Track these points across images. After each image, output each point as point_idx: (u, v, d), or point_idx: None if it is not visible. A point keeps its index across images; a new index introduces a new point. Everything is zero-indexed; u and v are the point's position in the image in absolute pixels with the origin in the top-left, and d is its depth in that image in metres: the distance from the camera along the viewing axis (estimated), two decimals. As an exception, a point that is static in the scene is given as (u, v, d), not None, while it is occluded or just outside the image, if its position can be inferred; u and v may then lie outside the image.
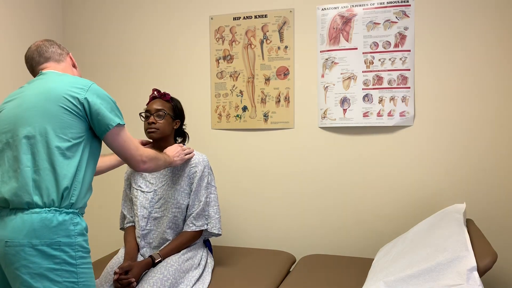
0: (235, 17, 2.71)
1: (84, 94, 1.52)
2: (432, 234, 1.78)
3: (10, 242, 1.40)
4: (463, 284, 1.41)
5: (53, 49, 1.69)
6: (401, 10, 2.43)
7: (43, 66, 1.67)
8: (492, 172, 2.35)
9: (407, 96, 2.44)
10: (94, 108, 1.52)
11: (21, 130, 1.48)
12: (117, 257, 2.11)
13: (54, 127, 1.48)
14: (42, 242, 1.40)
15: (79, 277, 1.45)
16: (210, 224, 2.13)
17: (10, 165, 1.48)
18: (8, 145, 1.50)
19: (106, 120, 1.54)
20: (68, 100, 1.50)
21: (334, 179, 2.60)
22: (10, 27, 2.69)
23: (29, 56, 1.68)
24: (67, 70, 1.70)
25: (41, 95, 1.51)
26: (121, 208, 2.25)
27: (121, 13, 2.96)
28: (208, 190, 2.14)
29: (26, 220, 1.41)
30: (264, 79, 2.68)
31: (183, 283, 1.96)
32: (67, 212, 1.46)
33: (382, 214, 2.53)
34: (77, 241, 1.46)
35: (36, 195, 1.43)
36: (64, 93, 1.51)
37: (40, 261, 1.40)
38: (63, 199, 1.46)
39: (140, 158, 1.63)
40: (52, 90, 1.51)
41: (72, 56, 1.77)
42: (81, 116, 1.52)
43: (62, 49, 1.72)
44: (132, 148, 1.61)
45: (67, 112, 1.49)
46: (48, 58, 1.68)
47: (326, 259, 2.39)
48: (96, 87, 1.57)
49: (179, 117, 2.19)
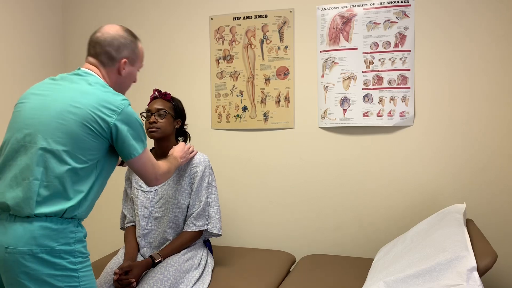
0: (235, 17, 2.71)
1: (114, 119, 1.48)
2: (432, 234, 1.78)
3: (10, 249, 1.39)
4: (463, 284, 1.41)
5: (109, 48, 1.58)
6: (401, 10, 2.43)
7: (89, 59, 1.61)
8: (492, 172, 2.35)
9: (407, 96, 2.44)
10: (121, 136, 1.50)
11: (40, 139, 1.44)
12: (117, 257, 2.11)
13: (74, 147, 1.44)
14: (43, 250, 1.39)
15: (80, 280, 1.45)
16: (210, 224, 2.13)
17: (21, 171, 1.44)
18: (25, 148, 1.46)
19: (131, 149, 1.53)
20: (96, 121, 1.46)
21: (334, 179, 2.60)
22: (10, 27, 2.69)
23: (89, 41, 1.61)
24: (110, 76, 1.61)
25: (70, 108, 1.45)
26: (122, 207, 2.25)
27: (121, 13, 2.96)
28: (208, 190, 2.14)
29: (27, 227, 1.40)
30: (264, 79, 2.68)
31: (183, 283, 1.96)
32: (68, 221, 1.45)
33: (382, 214, 2.53)
34: (77, 248, 1.46)
35: (38, 209, 1.41)
36: (93, 111, 1.45)
37: (41, 268, 1.39)
38: (66, 213, 1.44)
39: (155, 176, 1.64)
40: (82, 106, 1.46)
41: (126, 61, 1.62)
42: (105, 138, 1.49)
43: (119, 52, 1.60)
44: (149, 168, 1.61)
45: (91, 133, 1.46)
46: (98, 54, 1.59)
47: (326, 259, 2.39)
48: (128, 111, 1.51)
49: (180, 117, 2.19)
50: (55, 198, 1.43)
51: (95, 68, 1.60)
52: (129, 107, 1.53)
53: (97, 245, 2.85)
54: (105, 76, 1.61)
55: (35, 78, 2.85)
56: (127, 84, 1.70)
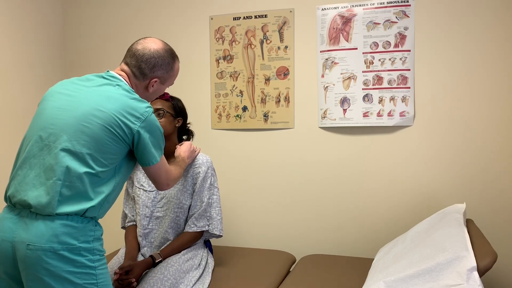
0: (235, 17, 2.71)
1: (138, 126, 1.51)
2: (432, 234, 1.78)
3: (32, 246, 1.40)
4: (463, 284, 1.41)
5: (145, 65, 1.60)
6: (401, 10, 2.43)
7: (122, 66, 1.63)
8: (492, 172, 2.35)
9: (407, 96, 2.44)
10: (142, 143, 1.53)
11: (65, 139, 1.46)
12: (117, 257, 2.11)
13: (96, 150, 1.46)
14: (64, 247, 1.41)
15: (98, 278, 1.47)
16: (211, 225, 2.13)
17: (45, 171, 1.46)
18: (48, 148, 1.47)
19: (150, 157, 1.56)
20: (120, 126, 1.48)
21: (334, 179, 2.60)
22: (10, 27, 2.69)
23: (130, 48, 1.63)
24: (137, 87, 1.64)
25: (95, 112, 1.47)
26: (123, 207, 2.25)
27: (121, 14, 2.96)
28: (210, 191, 2.14)
29: (49, 225, 1.42)
30: (264, 79, 2.68)
31: (183, 283, 1.96)
32: (88, 220, 1.48)
33: (382, 214, 2.53)
34: (95, 246, 1.48)
35: (59, 209, 1.43)
36: (118, 117, 1.48)
37: (62, 265, 1.41)
38: (86, 212, 1.47)
39: (166, 182, 1.68)
40: (107, 110, 1.48)
41: (157, 81, 1.65)
42: (127, 143, 1.52)
43: (153, 71, 1.62)
44: (162, 175, 1.65)
45: (114, 137, 1.48)
46: (132, 65, 1.61)
47: (326, 259, 2.39)
48: (151, 119, 1.54)
49: (181, 115, 2.19)
50: (77, 198, 1.45)
51: (125, 75, 1.62)
52: (152, 115, 1.56)
53: (97, 245, 2.85)
54: (132, 85, 1.64)
55: (35, 78, 2.85)
56: (152, 98, 1.74)
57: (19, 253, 1.43)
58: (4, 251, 1.46)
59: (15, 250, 1.43)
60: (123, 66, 1.64)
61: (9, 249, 1.45)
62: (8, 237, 1.45)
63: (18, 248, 1.43)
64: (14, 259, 1.45)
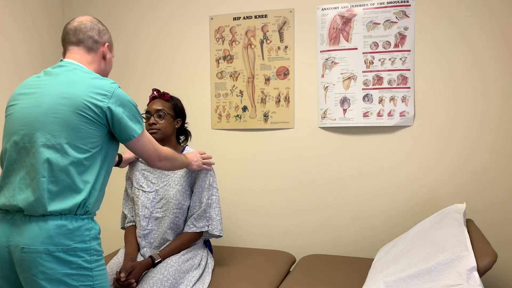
0: (235, 17, 2.71)
1: (107, 102, 1.48)
2: (432, 234, 1.78)
3: (27, 249, 1.39)
4: (463, 284, 1.41)
5: (92, 33, 1.60)
6: (401, 10, 2.43)
7: (71, 49, 1.60)
8: (492, 172, 2.35)
9: (407, 96, 2.44)
10: (116, 118, 1.50)
11: (39, 136, 1.44)
12: (117, 257, 2.11)
13: (73, 138, 1.44)
14: (59, 249, 1.40)
15: (94, 279, 1.46)
16: (211, 225, 2.13)
17: (28, 172, 1.45)
18: (26, 149, 1.46)
19: (129, 130, 1.53)
20: (90, 108, 1.46)
21: (334, 179, 2.60)
22: (11, 26, 2.69)
23: (66, 31, 1.62)
24: (94, 61, 1.62)
25: (61, 100, 1.46)
26: (122, 207, 2.25)
27: (121, 14, 2.96)
28: (210, 192, 2.14)
29: (42, 226, 1.41)
30: (264, 79, 2.68)
31: (183, 284, 1.96)
32: (82, 218, 1.46)
33: (382, 214, 2.53)
34: (92, 246, 1.47)
35: (51, 206, 1.41)
36: (85, 99, 1.46)
37: (57, 267, 1.40)
38: (79, 208, 1.45)
39: (158, 157, 1.66)
40: (72, 96, 1.46)
41: (109, 45, 1.67)
42: (102, 124, 1.49)
43: (101, 36, 1.63)
44: (150, 150, 1.63)
45: (88, 121, 1.46)
46: (80, 42, 1.59)
47: (326, 259, 2.39)
48: (119, 92, 1.52)
49: (180, 116, 2.19)
50: (66, 192, 1.43)
51: (78, 57, 1.60)
52: (119, 89, 1.53)
53: (97, 245, 2.85)
54: (89, 63, 1.61)
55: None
56: (109, 71, 1.73)
57: (15, 256, 1.42)
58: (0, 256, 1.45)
59: (12, 254, 1.43)
60: (71, 49, 1.60)
61: (5, 254, 1.44)
62: (3, 242, 1.44)
63: (13, 252, 1.42)
64: (11, 263, 1.44)
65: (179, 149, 2.19)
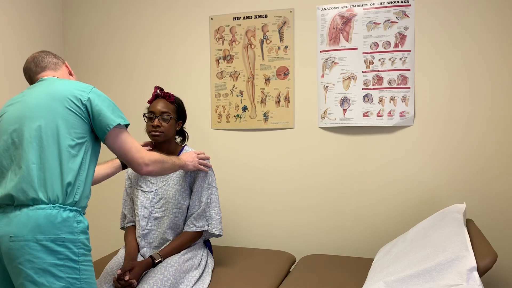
0: (235, 17, 2.71)
1: (87, 94, 1.57)
2: (432, 234, 1.78)
3: (15, 237, 1.42)
4: (463, 284, 1.41)
5: (49, 59, 1.74)
6: (401, 10, 2.43)
7: (41, 75, 1.72)
8: (492, 172, 2.35)
9: (407, 96, 2.44)
10: (96, 109, 1.56)
11: (30, 124, 1.51)
12: (117, 257, 2.11)
13: (61, 127, 1.52)
14: (47, 238, 1.42)
15: (81, 273, 1.48)
16: (211, 225, 2.13)
17: (17, 163, 1.50)
18: (14, 144, 1.52)
19: (107, 120, 1.56)
20: (72, 101, 1.54)
21: (334, 179, 2.60)
22: (11, 29, 2.69)
23: (27, 67, 1.73)
24: (64, 77, 1.75)
25: (46, 96, 1.55)
26: (122, 207, 2.25)
27: (121, 14, 2.96)
28: (209, 191, 2.14)
29: (31, 216, 1.43)
30: (264, 79, 2.68)
31: (183, 284, 1.96)
32: (71, 210, 1.49)
33: (382, 214, 2.53)
34: (80, 239, 1.49)
35: (41, 191, 1.45)
36: (68, 94, 1.55)
37: (44, 256, 1.42)
38: (67, 195, 1.48)
39: (142, 160, 1.62)
40: (56, 91, 1.56)
41: (68, 65, 1.82)
42: (84, 117, 1.56)
43: (57, 59, 1.77)
44: (133, 150, 1.61)
45: (71, 113, 1.54)
46: (44, 68, 1.72)
47: (326, 259, 2.39)
48: (97, 90, 1.62)
49: (182, 118, 2.19)
50: (54, 177, 1.47)
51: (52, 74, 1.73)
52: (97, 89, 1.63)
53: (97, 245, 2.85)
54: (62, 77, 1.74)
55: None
56: None
57: (3, 247, 1.44)
58: None
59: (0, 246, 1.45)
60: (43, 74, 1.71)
61: None
62: None
63: (2, 243, 1.44)
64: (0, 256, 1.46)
65: (178, 149, 2.19)
